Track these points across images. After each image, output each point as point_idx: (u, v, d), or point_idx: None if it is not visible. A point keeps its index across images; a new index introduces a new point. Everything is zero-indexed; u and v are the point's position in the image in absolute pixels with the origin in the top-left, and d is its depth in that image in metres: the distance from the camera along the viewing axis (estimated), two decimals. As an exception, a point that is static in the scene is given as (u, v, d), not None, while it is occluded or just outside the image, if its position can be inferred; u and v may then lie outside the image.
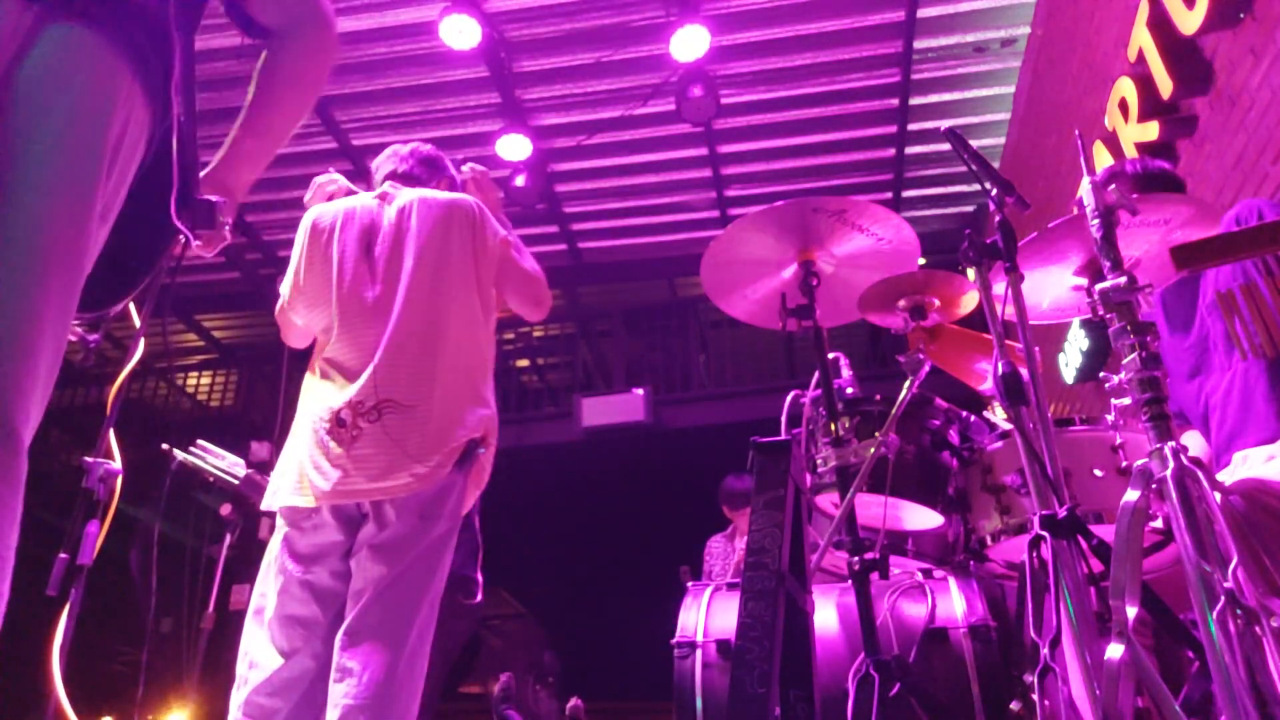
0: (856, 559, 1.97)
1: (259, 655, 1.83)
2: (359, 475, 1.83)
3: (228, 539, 3.58)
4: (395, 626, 1.81)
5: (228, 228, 1.27)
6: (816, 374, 2.21)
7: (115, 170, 1.06)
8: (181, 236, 1.17)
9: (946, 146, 1.91)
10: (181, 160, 1.16)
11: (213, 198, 1.23)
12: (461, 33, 5.58)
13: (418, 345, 1.95)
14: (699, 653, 2.22)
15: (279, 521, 1.92)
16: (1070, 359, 4.89)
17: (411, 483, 1.83)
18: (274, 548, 1.93)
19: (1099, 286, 1.48)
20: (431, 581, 1.88)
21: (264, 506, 1.96)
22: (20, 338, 0.92)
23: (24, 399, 0.92)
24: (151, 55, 1.07)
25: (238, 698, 1.80)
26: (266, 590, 1.89)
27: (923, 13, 5.88)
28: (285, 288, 2.12)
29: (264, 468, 2.59)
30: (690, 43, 5.67)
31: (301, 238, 2.12)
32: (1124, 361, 1.45)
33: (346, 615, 1.83)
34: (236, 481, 2.64)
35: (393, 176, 2.26)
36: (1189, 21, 3.41)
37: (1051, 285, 1.90)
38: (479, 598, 2.89)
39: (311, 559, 1.88)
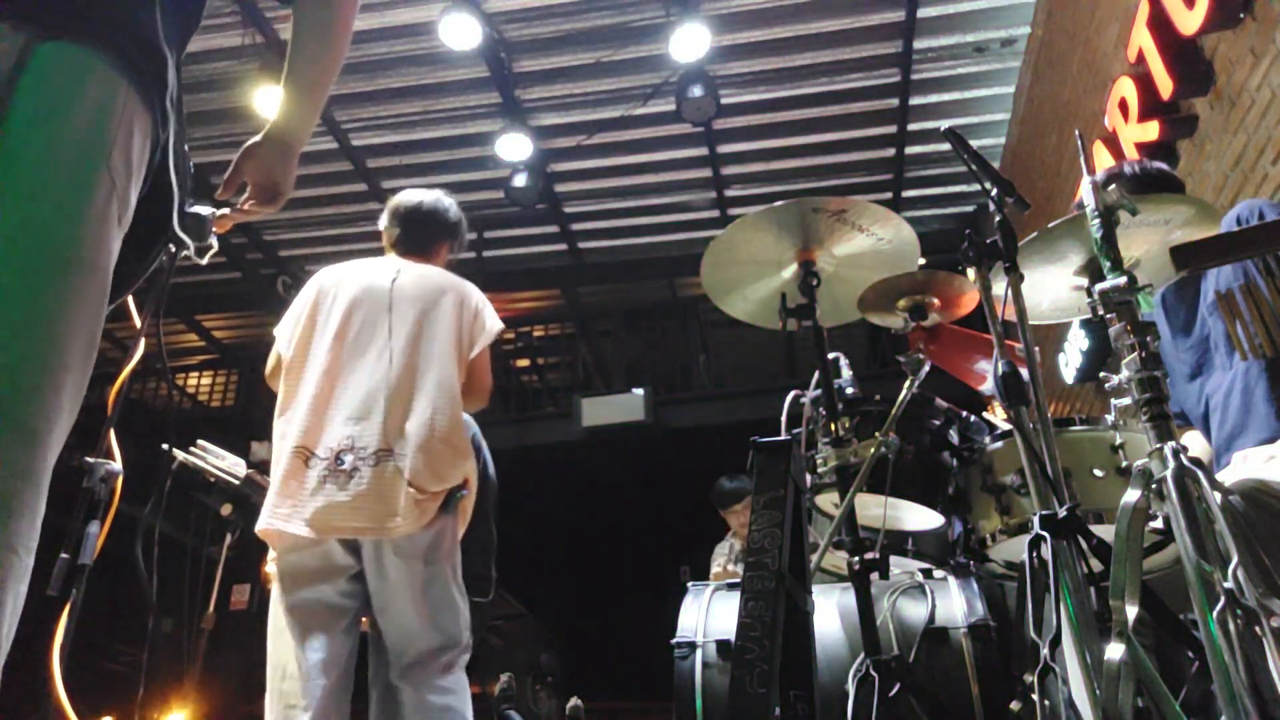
0: (856, 559, 1.97)
1: (288, 666, 1.94)
2: (355, 516, 1.96)
3: (228, 539, 3.58)
4: (446, 626, 2.06)
5: (215, 238, 1.32)
6: (816, 374, 2.21)
7: (129, 175, 1.06)
8: (172, 245, 1.21)
9: (946, 146, 1.91)
10: (178, 171, 1.18)
11: (203, 211, 1.28)
12: (461, 33, 5.58)
13: (407, 400, 2.11)
14: (699, 653, 2.21)
15: (282, 542, 1.99)
16: (1070, 359, 4.88)
17: (404, 524, 1.96)
18: (283, 566, 2.03)
19: (1099, 286, 1.48)
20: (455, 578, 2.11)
21: (260, 527, 2.02)
22: (45, 351, 0.94)
23: (46, 407, 0.94)
24: (145, 67, 1.08)
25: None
26: (283, 604, 1.99)
27: (923, 13, 5.88)
28: (281, 338, 2.25)
29: (264, 468, 2.59)
30: (690, 43, 5.67)
31: (307, 293, 2.28)
32: (1124, 361, 1.45)
33: (388, 648, 2.01)
34: (236, 481, 2.64)
35: (401, 242, 2.46)
36: (1189, 21, 3.42)
37: (1051, 285, 1.90)
38: (490, 596, 2.94)
39: (320, 575, 1.97)
